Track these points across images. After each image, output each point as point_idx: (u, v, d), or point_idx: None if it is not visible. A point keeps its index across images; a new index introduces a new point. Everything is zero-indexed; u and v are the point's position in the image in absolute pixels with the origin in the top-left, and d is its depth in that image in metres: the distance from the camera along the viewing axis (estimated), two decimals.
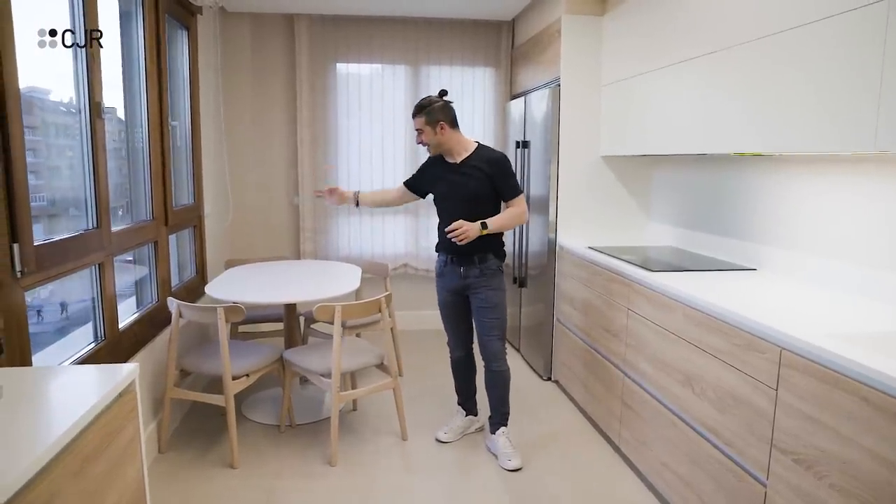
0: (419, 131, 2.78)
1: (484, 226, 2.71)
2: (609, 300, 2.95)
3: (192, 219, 3.62)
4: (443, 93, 2.84)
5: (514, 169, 2.95)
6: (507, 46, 4.78)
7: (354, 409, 3.45)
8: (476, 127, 4.84)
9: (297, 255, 4.80)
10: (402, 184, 3.07)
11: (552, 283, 3.77)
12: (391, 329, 3.48)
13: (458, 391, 3.15)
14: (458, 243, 2.70)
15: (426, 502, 2.57)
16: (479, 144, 2.85)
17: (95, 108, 2.28)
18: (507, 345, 2.98)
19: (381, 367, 3.14)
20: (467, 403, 3.14)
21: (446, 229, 2.71)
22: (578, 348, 3.37)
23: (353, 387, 3.43)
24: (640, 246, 3.46)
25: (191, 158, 3.65)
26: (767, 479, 1.84)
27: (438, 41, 4.72)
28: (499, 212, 2.84)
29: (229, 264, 3.90)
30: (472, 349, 3.07)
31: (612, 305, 2.91)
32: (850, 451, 1.53)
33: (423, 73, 4.77)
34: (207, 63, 4.07)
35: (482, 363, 2.93)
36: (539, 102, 3.90)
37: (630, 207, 3.87)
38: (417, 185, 3.01)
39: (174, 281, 3.38)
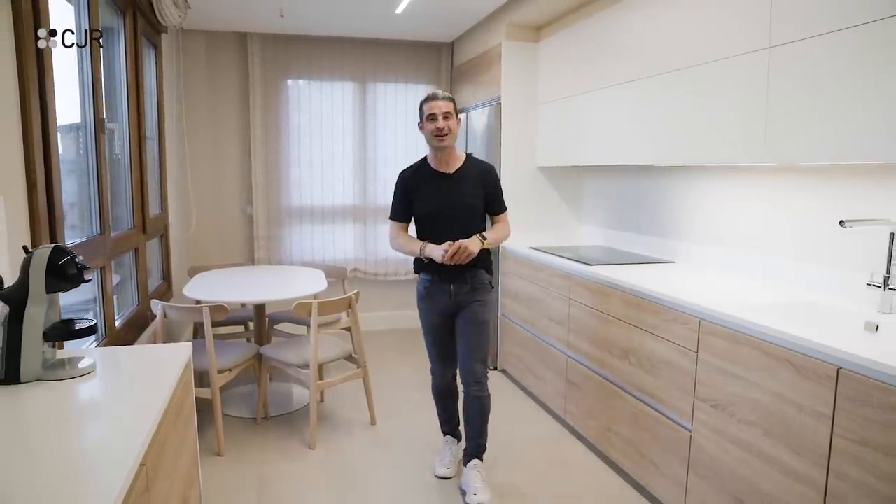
0: (448, 115, 2.54)
1: (483, 238, 2.54)
2: (552, 292, 3.39)
3: (161, 228, 3.79)
4: None
5: None
6: (447, 66, 5.20)
7: (322, 401, 3.72)
8: (420, 140, 5.20)
9: (252, 262, 5.00)
10: (395, 224, 2.71)
11: (497, 280, 4.18)
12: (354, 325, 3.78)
13: (447, 420, 2.95)
14: (461, 264, 2.51)
15: (402, 473, 2.89)
16: (469, 155, 2.72)
17: (99, 124, 2.49)
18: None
19: (349, 359, 3.44)
20: (457, 430, 2.99)
21: (445, 258, 2.48)
22: (524, 338, 3.80)
23: (322, 379, 3.71)
24: (575, 245, 3.94)
25: (158, 170, 3.82)
26: (692, 424, 2.30)
27: (384, 60, 5.08)
28: (485, 227, 2.70)
29: (193, 271, 4.08)
30: (456, 374, 2.85)
31: (555, 297, 3.35)
32: (752, 391, 2.00)
33: (369, 90, 5.11)
34: (169, 79, 4.24)
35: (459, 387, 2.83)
36: (480, 118, 4.33)
37: (563, 211, 4.35)
38: (406, 213, 2.70)
39: None
